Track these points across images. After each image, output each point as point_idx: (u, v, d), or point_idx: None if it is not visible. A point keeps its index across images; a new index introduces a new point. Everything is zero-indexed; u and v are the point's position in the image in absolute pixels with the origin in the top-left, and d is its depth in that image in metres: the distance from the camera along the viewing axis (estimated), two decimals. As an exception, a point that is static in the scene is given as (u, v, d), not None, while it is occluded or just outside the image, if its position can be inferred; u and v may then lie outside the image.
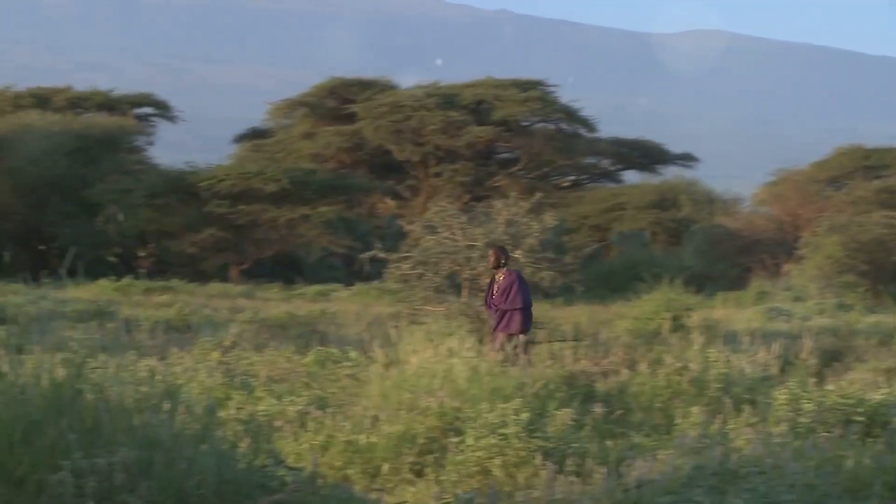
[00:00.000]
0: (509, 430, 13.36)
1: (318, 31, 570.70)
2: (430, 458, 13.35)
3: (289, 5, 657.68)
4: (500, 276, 24.11)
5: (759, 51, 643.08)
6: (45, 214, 59.46)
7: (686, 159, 76.44)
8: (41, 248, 57.54)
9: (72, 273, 37.40)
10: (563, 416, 15.05)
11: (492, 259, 24.65)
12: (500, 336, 23.27)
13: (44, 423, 10.02)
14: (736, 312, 39.67)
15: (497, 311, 23.96)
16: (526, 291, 24.01)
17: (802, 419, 15.79)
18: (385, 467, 13.26)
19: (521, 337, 23.01)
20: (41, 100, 72.40)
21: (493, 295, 24.09)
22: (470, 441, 13.28)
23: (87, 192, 59.05)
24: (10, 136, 61.66)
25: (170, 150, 70.42)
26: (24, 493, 9.59)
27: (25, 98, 72.01)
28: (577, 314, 31.34)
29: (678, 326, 27.24)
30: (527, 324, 23.73)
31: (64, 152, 61.11)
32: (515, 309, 23.62)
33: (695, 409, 15.98)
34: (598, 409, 16.25)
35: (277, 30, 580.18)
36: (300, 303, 40.73)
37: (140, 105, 75.32)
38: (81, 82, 78.59)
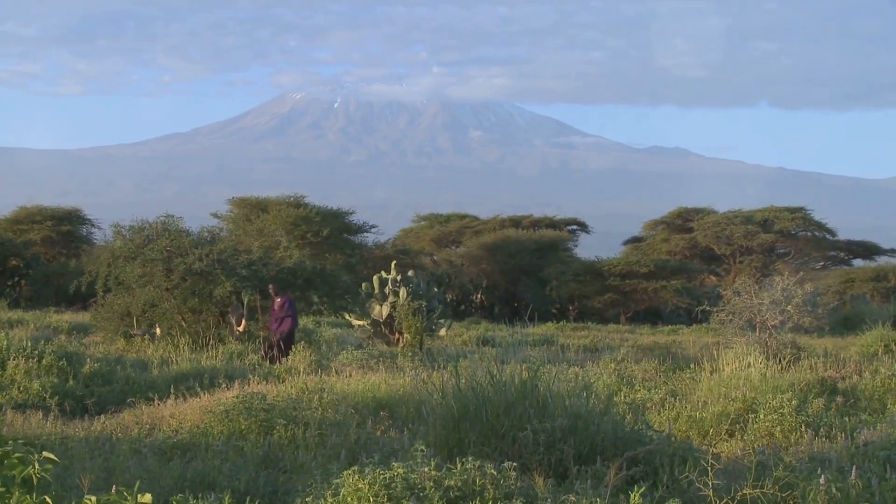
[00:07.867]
0: (785, 411, 13.03)
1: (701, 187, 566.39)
2: (737, 426, 13.04)
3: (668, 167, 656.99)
4: (277, 301, 24.24)
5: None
6: (516, 287, 60.57)
7: (892, 252, 72.55)
8: (515, 305, 58.47)
9: (531, 319, 37.98)
10: (817, 403, 14.63)
11: (271, 290, 24.69)
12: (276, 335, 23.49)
13: (516, 402, 10.17)
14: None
15: (274, 319, 23.98)
16: (285, 308, 23.97)
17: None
18: (711, 431, 13.03)
19: (278, 334, 23.49)
20: (516, 222, 73.92)
21: (273, 312, 24.27)
22: (761, 416, 12.96)
23: (539, 273, 60.01)
24: (498, 242, 63.34)
25: (586, 249, 70.45)
26: (505, 442, 9.76)
27: (507, 222, 73.38)
28: (825, 343, 30.08)
29: (888, 350, 25.92)
30: (285, 327, 23.68)
31: (527, 252, 62.26)
32: (284, 317, 23.78)
33: (900, 401, 15.26)
34: (839, 399, 15.74)
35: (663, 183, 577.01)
36: (660, 336, 40.14)
37: (570, 224, 75.76)
38: (538, 212, 79.49)
